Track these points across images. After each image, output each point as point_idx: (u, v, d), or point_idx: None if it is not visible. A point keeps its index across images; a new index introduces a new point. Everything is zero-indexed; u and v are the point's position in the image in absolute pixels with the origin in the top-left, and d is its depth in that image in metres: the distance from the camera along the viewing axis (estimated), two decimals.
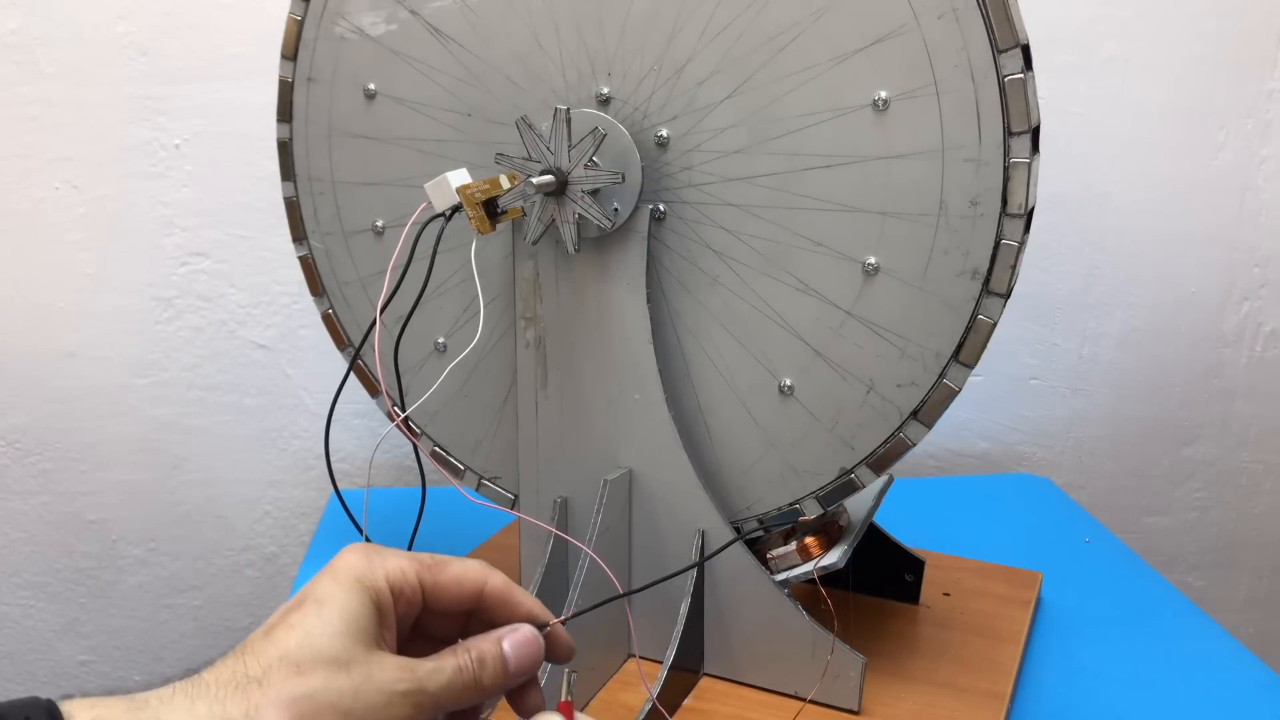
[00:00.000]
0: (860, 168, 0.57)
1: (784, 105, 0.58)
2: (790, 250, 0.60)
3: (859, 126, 0.56)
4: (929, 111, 0.54)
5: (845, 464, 0.61)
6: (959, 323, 0.56)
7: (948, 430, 1.12)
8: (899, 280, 0.57)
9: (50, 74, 0.95)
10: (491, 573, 0.42)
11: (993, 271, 0.55)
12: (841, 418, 0.61)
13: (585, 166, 0.59)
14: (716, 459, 0.65)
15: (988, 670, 0.68)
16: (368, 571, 0.39)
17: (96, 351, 1.02)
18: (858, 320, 0.59)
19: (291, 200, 0.75)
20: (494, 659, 0.40)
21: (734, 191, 0.60)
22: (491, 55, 0.65)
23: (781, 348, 0.61)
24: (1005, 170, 0.53)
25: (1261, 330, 1.10)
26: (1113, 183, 1.05)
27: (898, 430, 0.59)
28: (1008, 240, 0.54)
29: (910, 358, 0.58)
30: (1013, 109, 0.53)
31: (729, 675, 0.67)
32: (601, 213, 0.60)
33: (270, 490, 1.09)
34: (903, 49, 0.54)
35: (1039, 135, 0.53)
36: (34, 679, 1.09)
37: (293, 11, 0.70)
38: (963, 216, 0.55)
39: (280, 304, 1.04)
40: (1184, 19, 1.01)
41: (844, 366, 0.60)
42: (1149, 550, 1.03)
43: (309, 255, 0.76)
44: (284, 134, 0.74)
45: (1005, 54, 0.52)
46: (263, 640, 0.36)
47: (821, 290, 0.59)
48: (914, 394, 0.59)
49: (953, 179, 0.55)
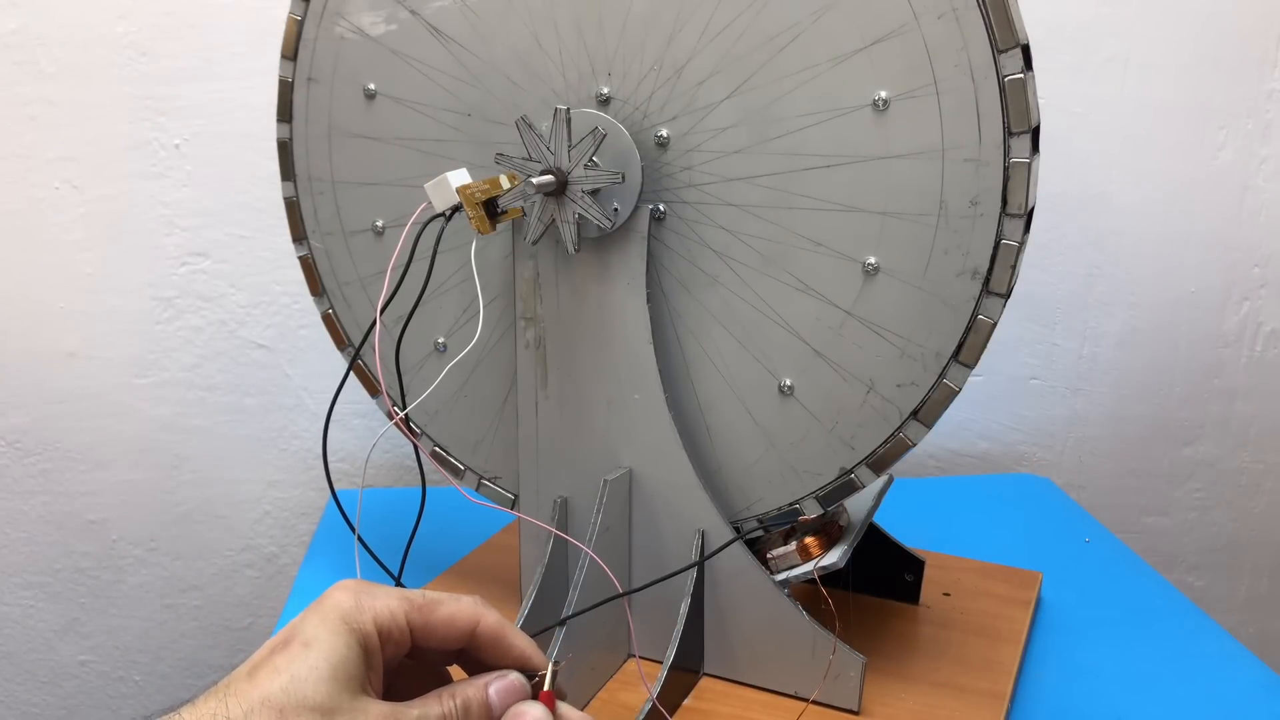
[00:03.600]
0: (860, 167, 0.57)
1: (784, 105, 0.58)
2: (790, 250, 0.60)
3: (859, 126, 0.56)
4: (929, 111, 0.54)
5: (845, 464, 0.61)
6: (959, 322, 0.56)
7: (948, 430, 1.12)
8: (899, 280, 0.57)
9: (50, 74, 0.95)
10: (486, 612, 0.42)
11: (993, 271, 0.55)
12: (842, 418, 0.61)
13: (585, 166, 0.59)
14: (716, 459, 0.65)
15: (988, 670, 0.68)
16: (356, 613, 0.38)
17: (96, 351, 1.02)
18: (858, 320, 0.59)
19: (292, 200, 0.75)
20: (479, 706, 0.40)
21: (734, 192, 0.60)
22: (491, 55, 0.65)
23: (781, 348, 0.61)
24: (1005, 170, 0.53)
25: (1261, 330, 1.10)
26: (1113, 183, 1.05)
27: (898, 430, 0.60)
28: (1008, 240, 0.54)
29: (910, 358, 0.58)
30: (1013, 109, 0.53)
31: (729, 675, 0.67)
32: (601, 213, 0.60)
33: (270, 490, 1.09)
34: (903, 48, 0.54)
35: (1039, 135, 0.53)
36: (34, 679, 1.09)
37: (293, 11, 0.70)
38: (963, 216, 0.55)
39: (280, 304, 1.04)
40: (1184, 19, 1.01)
41: (844, 366, 0.60)
42: (1149, 550, 1.03)
43: (309, 255, 0.76)
44: (284, 134, 0.74)
45: (1005, 54, 0.52)
46: (246, 681, 0.36)
47: (821, 290, 0.59)
48: (914, 394, 0.58)
49: (953, 179, 0.55)
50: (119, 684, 1.11)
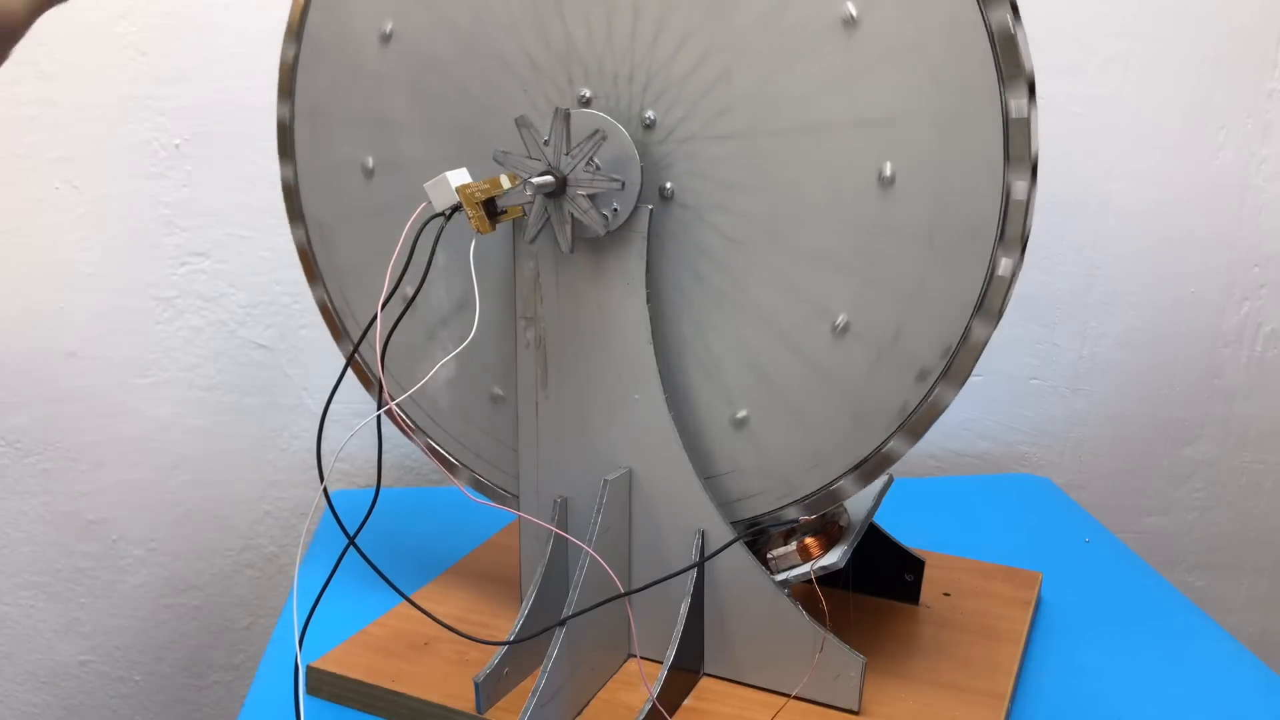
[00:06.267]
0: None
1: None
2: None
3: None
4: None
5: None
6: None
7: (948, 430, 1.12)
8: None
9: (50, 74, 0.95)
10: None
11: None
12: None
13: (585, 169, 0.59)
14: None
15: (988, 670, 0.68)
16: None
17: (96, 351, 1.02)
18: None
19: (284, 124, 0.74)
20: None
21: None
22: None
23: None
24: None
25: (1261, 330, 1.10)
26: (1113, 183, 1.06)
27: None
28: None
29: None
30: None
31: (729, 675, 0.67)
32: (599, 215, 0.60)
33: (270, 490, 1.09)
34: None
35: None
36: (34, 679, 1.09)
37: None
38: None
39: (280, 304, 1.04)
40: (1184, 19, 1.01)
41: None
42: (1149, 550, 1.03)
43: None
44: (290, 54, 0.72)
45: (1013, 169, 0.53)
46: None
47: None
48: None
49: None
50: (119, 684, 1.11)
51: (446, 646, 0.70)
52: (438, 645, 0.70)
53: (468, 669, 0.66)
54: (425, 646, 0.70)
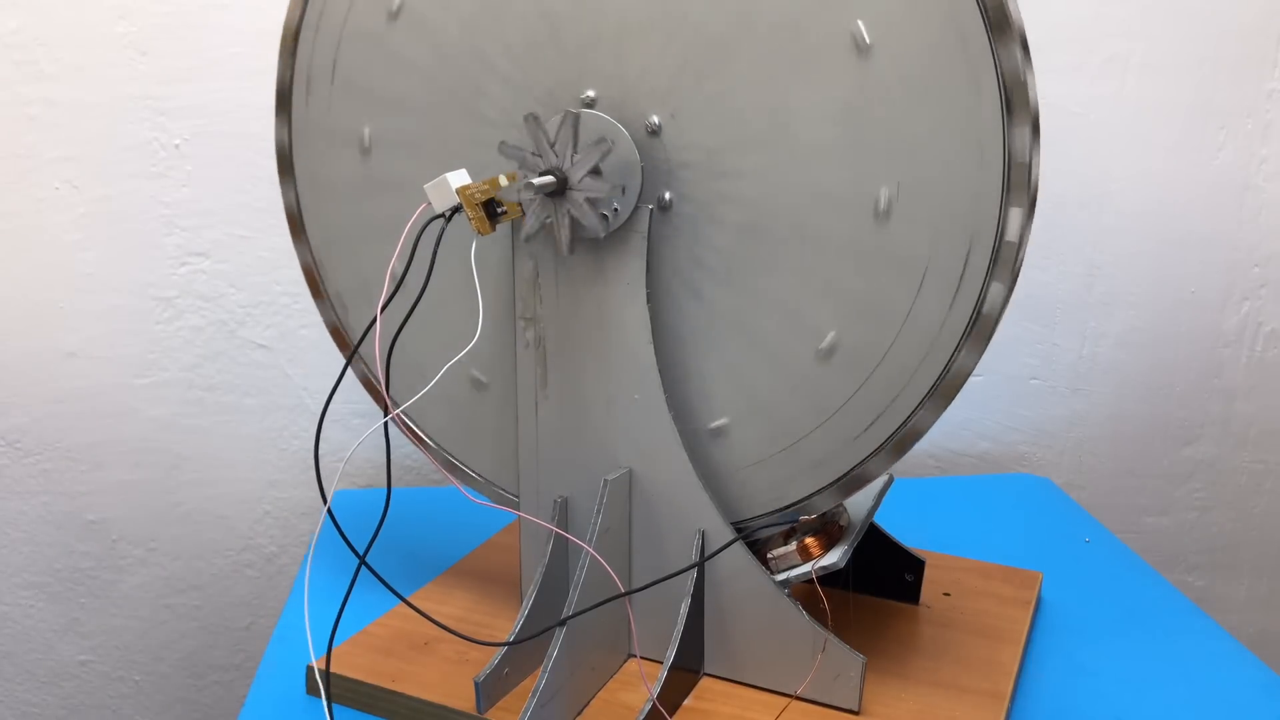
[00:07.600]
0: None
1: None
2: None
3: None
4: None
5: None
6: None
7: (948, 430, 1.12)
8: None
9: (50, 74, 0.95)
10: None
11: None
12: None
13: (589, 174, 0.59)
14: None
15: (988, 670, 0.68)
16: None
17: (96, 351, 1.02)
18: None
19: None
20: None
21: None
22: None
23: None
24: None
25: (1261, 330, 1.10)
26: (1113, 182, 1.06)
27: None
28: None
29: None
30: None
31: (729, 675, 0.67)
32: (599, 216, 0.60)
33: (270, 490, 1.09)
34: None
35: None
36: (34, 679, 1.09)
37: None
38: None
39: (280, 304, 1.04)
40: (1184, 19, 1.01)
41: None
42: (1149, 550, 1.03)
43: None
44: (294, 16, 0.72)
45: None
46: None
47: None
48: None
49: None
50: (119, 684, 1.11)
51: (447, 647, 0.70)
52: (438, 645, 0.70)
53: (468, 669, 0.66)
54: (425, 647, 0.70)
